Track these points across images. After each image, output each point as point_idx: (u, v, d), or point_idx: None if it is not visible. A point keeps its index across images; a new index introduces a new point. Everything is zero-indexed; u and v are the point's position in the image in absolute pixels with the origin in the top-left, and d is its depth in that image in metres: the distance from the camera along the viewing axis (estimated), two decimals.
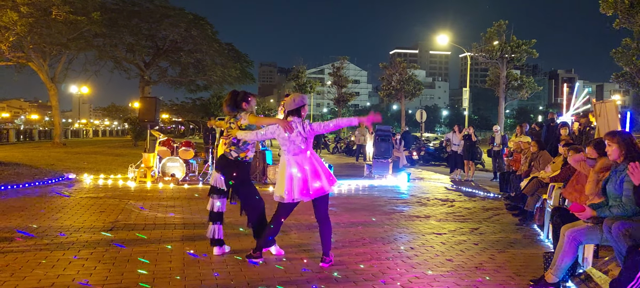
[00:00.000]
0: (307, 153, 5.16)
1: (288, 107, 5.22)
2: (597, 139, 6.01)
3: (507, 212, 9.04)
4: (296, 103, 5.20)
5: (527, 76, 36.42)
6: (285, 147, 5.18)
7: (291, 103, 5.21)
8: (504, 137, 16.12)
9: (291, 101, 5.22)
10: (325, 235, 5.23)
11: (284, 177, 5.14)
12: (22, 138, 40.59)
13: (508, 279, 4.97)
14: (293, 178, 5.09)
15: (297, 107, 5.19)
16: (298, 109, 5.20)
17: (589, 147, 5.60)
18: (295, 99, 5.22)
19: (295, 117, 5.17)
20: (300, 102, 5.21)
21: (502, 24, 31.63)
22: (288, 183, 5.10)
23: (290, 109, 5.20)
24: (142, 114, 13.84)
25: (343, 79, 49.25)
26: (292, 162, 5.12)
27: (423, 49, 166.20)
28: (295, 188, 5.08)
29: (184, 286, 4.50)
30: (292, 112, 5.19)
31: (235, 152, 5.55)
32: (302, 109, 5.21)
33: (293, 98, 5.25)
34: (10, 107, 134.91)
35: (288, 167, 5.13)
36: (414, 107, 75.65)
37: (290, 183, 5.10)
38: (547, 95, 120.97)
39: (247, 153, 5.60)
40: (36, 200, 8.97)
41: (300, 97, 5.25)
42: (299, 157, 5.13)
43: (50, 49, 27.09)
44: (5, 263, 4.97)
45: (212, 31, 33.16)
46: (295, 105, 5.19)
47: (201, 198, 9.69)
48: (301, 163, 5.11)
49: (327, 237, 5.24)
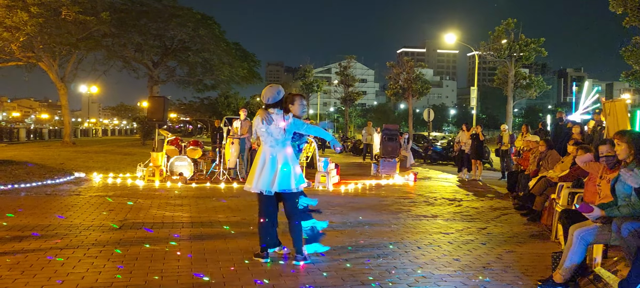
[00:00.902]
0: (283, 147, 5.19)
1: (270, 100, 5.21)
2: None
3: (515, 211, 9.01)
4: (278, 96, 5.22)
5: (536, 75, 36.28)
6: (263, 138, 5.24)
7: (273, 95, 5.21)
8: (512, 136, 16.06)
9: (273, 93, 5.21)
10: (293, 232, 5.24)
11: (255, 166, 5.21)
12: (32, 137, 40.91)
13: (516, 279, 4.95)
14: (262, 169, 5.15)
15: (280, 99, 5.22)
16: (280, 101, 5.23)
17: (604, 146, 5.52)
18: (276, 91, 5.24)
19: (275, 110, 5.20)
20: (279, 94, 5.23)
21: (510, 22, 31.45)
22: (257, 173, 5.16)
23: (272, 102, 5.21)
24: (150, 113, 13.91)
25: (350, 78, 49.24)
26: (267, 154, 5.19)
27: (430, 47, 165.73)
28: (261, 180, 5.12)
29: (192, 284, 4.52)
30: (275, 104, 5.21)
31: None
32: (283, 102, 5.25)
33: (275, 90, 5.25)
34: (20, 107, 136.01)
35: (261, 158, 5.21)
36: (421, 106, 75.47)
37: (259, 174, 5.15)
38: (556, 94, 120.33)
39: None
40: (46, 198, 9.04)
41: (278, 89, 5.26)
42: (274, 150, 5.18)
43: (60, 48, 27.29)
44: (15, 261, 5.02)
45: (219, 31, 33.29)
46: (279, 98, 5.22)
47: (209, 197, 9.73)
48: (274, 156, 5.15)
49: (296, 234, 5.23)
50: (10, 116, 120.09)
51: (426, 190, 12.15)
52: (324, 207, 8.98)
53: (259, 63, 40.06)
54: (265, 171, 5.14)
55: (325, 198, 10.18)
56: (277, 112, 5.20)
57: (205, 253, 5.53)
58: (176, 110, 70.40)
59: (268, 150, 5.20)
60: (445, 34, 36.32)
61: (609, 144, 5.37)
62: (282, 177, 5.12)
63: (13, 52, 25.40)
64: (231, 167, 12.87)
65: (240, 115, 13.22)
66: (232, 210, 8.38)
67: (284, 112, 5.22)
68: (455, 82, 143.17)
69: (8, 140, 34.98)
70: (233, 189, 11.06)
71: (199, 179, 12.47)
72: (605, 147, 5.37)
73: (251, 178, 5.23)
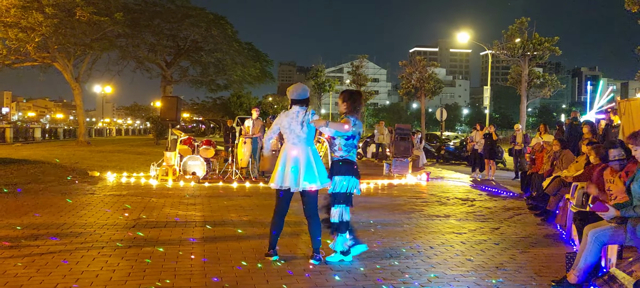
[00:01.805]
0: (306, 145, 5.19)
1: (295, 96, 5.23)
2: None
3: (528, 211, 8.94)
4: (304, 94, 5.25)
5: (550, 74, 35.90)
6: (285, 136, 5.24)
7: (298, 92, 5.24)
8: (526, 135, 15.94)
9: (299, 90, 5.24)
10: (313, 232, 5.24)
11: (278, 163, 5.21)
12: (47, 137, 41.34)
13: (529, 279, 4.92)
14: (286, 166, 5.15)
15: (304, 97, 5.24)
16: (306, 100, 5.25)
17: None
18: (302, 89, 5.27)
19: (298, 107, 5.21)
20: (305, 92, 5.26)
21: (524, 21, 31.18)
22: (281, 170, 5.16)
23: (297, 98, 5.22)
24: (163, 113, 14.00)
25: (362, 77, 49.11)
26: (289, 151, 5.18)
27: (443, 47, 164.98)
28: (286, 177, 5.12)
29: (205, 283, 4.55)
30: (299, 101, 5.23)
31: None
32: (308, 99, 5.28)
33: (301, 87, 5.28)
34: (36, 107, 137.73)
35: (283, 156, 5.20)
36: (434, 105, 75.12)
37: (283, 170, 5.15)
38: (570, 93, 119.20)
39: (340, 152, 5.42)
40: (61, 197, 9.14)
41: (304, 88, 5.30)
42: (297, 148, 5.17)
43: (75, 49, 27.55)
44: (31, 259, 5.08)
45: (232, 31, 33.41)
46: (304, 96, 5.25)
47: (221, 196, 9.78)
48: (297, 154, 5.15)
49: (316, 234, 5.23)
50: (25, 116, 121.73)
51: (439, 190, 12.10)
52: None
53: (272, 63, 40.20)
54: (290, 168, 5.12)
55: None
56: (299, 108, 5.21)
57: (217, 253, 5.56)
58: (189, 110, 70.93)
59: (290, 147, 5.20)
60: (458, 33, 36.12)
61: (619, 146, 5.32)
62: (307, 175, 5.11)
63: (28, 53, 25.70)
64: (243, 166, 12.93)
65: (253, 115, 13.26)
66: (244, 209, 8.41)
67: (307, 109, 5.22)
68: (468, 82, 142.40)
69: (24, 140, 35.39)
70: (245, 188, 11.10)
71: (211, 178, 12.53)
72: (615, 151, 5.33)
73: (274, 174, 5.22)
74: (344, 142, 5.33)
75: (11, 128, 37.16)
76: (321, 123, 5.22)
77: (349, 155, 5.33)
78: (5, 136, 33.38)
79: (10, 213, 7.48)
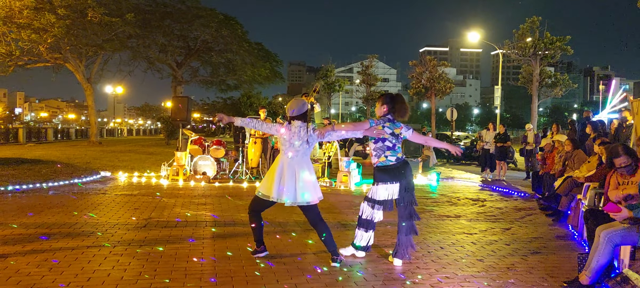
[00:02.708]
0: (303, 158, 5.19)
1: (294, 113, 5.23)
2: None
3: (540, 212, 8.88)
4: (303, 108, 5.26)
5: (562, 73, 35.68)
6: (283, 147, 5.23)
7: (298, 108, 5.25)
8: (537, 135, 15.84)
9: (298, 106, 5.25)
10: (324, 238, 5.22)
11: (274, 175, 5.15)
12: (59, 137, 41.71)
13: (541, 281, 4.89)
14: (282, 178, 5.10)
15: (303, 112, 5.26)
16: (304, 114, 5.25)
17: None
18: (302, 104, 5.28)
19: (299, 121, 5.22)
20: (304, 107, 5.27)
21: (535, 20, 30.97)
22: (277, 182, 5.11)
23: (297, 114, 5.23)
24: (174, 113, 14.06)
25: (372, 77, 49.06)
26: (285, 163, 5.15)
27: (453, 46, 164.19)
28: (284, 190, 5.07)
29: (216, 283, 4.57)
30: (298, 117, 5.23)
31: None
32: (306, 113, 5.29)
33: (301, 103, 5.30)
34: (48, 107, 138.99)
35: (279, 168, 5.16)
36: (444, 105, 74.88)
37: (278, 182, 5.11)
38: (582, 92, 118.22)
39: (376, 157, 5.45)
40: (73, 197, 9.21)
41: (303, 103, 5.31)
42: (294, 160, 5.15)
43: (86, 50, 27.78)
44: (43, 258, 5.13)
45: (242, 31, 33.49)
46: (303, 111, 5.26)
47: (232, 196, 9.81)
48: (294, 168, 5.12)
49: (327, 238, 5.21)
50: (38, 116, 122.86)
51: (449, 190, 12.06)
52: (346, 207, 8.99)
53: (281, 63, 40.20)
54: (287, 181, 5.08)
55: (347, 198, 10.18)
56: (301, 124, 5.21)
57: (227, 252, 5.57)
58: (199, 110, 71.15)
59: (287, 160, 5.17)
60: (468, 33, 35.97)
61: (624, 154, 5.26)
62: (305, 189, 5.10)
63: (41, 54, 25.97)
64: (253, 166, 12.95)
65: (260, 115, 13.29)
66: None
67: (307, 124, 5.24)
68: (478, 81, 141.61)
69: (36, 140, 35.74)
70: (255, 188, 11.10)
71: (221, 178, 12.57)
72: (620, 159, 5.27)
73: (269, 186, 5.15)
74: (374, 147, 5.35)
75: (24, 128, 37.53)
76: (327, 129, 5.23)
77: (380, 160, 5.32)
78: (19, 136, 33.72)
79: (23, 212, 7.55)
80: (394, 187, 5.30)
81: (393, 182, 5.29)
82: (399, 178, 5.29)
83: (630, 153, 5.28)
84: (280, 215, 7.64)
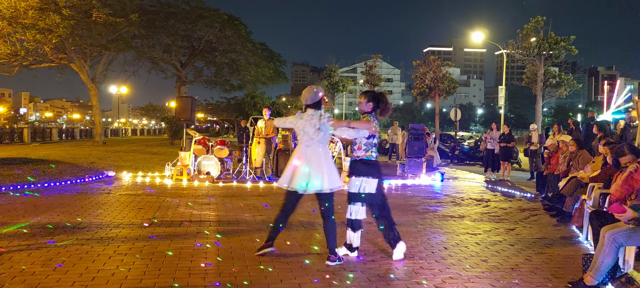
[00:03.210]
0: (319, 147, 5.19)
1: (309, 101, 5.26)
2: None
3: (544, 212, 8.85)
4: (316, 97, 5.25)
5: (566, 73, 35.51)
6: (299, 138, 5.27)
7: (311, 96, 5.25)
8: (542, 135, 15.80)
9: (311, 94, 5.26)
10: (328, 232, 5.24)
11: (289, 165, 5.24)
12: (64, 137, 41.88)
13: (545, 281, 4.87)
14: (296, 168, 5.16)
15: (317, 100, 5.25)
16: (318, 102, 5.26)
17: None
18: (315, 93, 5.26)
19: (312, 110, 5.24)
20: (317, 96, 5.26)
21: (539, 20, 30.88)
22: (290, 171, 5.18)
23: (311, 102, 5.25)
24: (178, 113, 14.10)
25: (376, 77, 48.93)
26: (301, 153, 5.19)
27: (457, 46, 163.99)
28: (295, 178, 5.12)
29: (220, 283, 4.57)
30: (312, 105, 5.25)
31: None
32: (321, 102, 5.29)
33: (314, 91, 5.28)
34: (53, 107, 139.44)
35: (296, 157, 5.23)
36: (448, 105, 74.71)
37: (292, 172, 5.17)
38: (586, 93, 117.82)
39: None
40: (77, 196, 9.24)
41: (317, 91, 5.29)
42: (309, 149, 5.18)
43: (91, 50, 27.88)
44: (48, 257, 5.14)
45: (246, 31, 33.52)
46: (317, 99, 5.25)
47: (235, 196, 9.81)
48: (309, 156, 5.15)
49: (330, 234, 5.23)
50: (43, 116, 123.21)
51: (453, 191, 12.04)
52: None
53: (285, 63, 40.25)
54: (301, 170, 5.12)
55: None
56: (314, 112, 5.23)
57: (231, 252, 5.58)
58: (203, 110, 71.29)
59: (303, 149, 5.21)
60: (472, 33, 35.92)
61: (630, 153, 5.25)
62: (317, 176, 5.10)
63: (46, 54, 26.08)
64: (257, 166, 12.97)
65: (264, 115, 13.30)
66: (258, 209, 8.43)
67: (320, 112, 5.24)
68: (482, 81, 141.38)
69: (41, 140, 35.89)
70: (259, 188, 11.13)
71: (225, 178, 12.59)
72: (627, 157, 5.26)
73: (285, 176, 5.24)
74: (365, 141, 5.36)
75: (29, 128, 37.67)
76: (341, 124, 5.22)
77: (367, 154, 5.35)
78: (23, 136, 33.85)
79: (28, 212, 7.58)
80: (376, 181, 5.39)
81: (375, 177, 5.38)
82: (379, 173, 5.42)
83: (636, 153, 5.27)
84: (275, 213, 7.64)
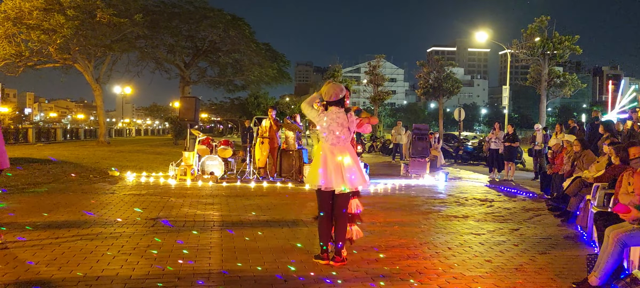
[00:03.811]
0: (349, 146, 5.17)
1: (333, 98, 5.16)
2: None
3: (548, 212, 8.83)
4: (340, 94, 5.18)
5: (570, 73, 35.42)
6: (324, 135, 5.19)
7: (335, 93, 5.16)
8: (546, 136, 15.76)
9: (335, 91, 5.17)
10: (338, 232, 5.19)
11: (317, 165, 5.16)
12: (68, 137, 41.98)
13: (549, 281, 4.86)
14: (327, 165, 5.09)
15: (340, 98, 5.18)
16: (342, 100, 5.19)
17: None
18: (340, 90, 5.20)
19: (336, 107, 5.18)
20: (341, 92, 5.19)
21: (543, 19, 30.77)
22: (322, 170, 5.09)
23: (335, 100, 5.16)
24: (182, 114, 14.11)
25: (379, 77, 48.89)
26: (327, 152, 5.13)
27: (461, 46, 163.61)
28: (330, 176, 5.06)
29: (223, 281, 4.58)
30: (335, 102, 5.17)
31: None
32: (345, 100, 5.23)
33: (338, 88, 5.20)
34: (57, 107, 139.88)
35: (322, 157, 5.15)
36: (452, 105, 74.57)
37: (325, 170, 5.09)
38: (591, 92, 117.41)
39: None
40: (82, 196, 9.27)
41: (341, 88, 5.23)
42: (337, 147, 5.14)
43: (95, 50, 27.94)
44: (52, 257, 5.16)
45: (249, 31, 33.54)
46: (341, 96, 5.17)
47: (239, 196, 9.82)
48: (338, 155, 5.10)
49: (341, 235, 5.19)
50: (47, 116, 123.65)
51: (457, 191, 12.02)
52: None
53: (289, 63, 40.24)
54: (332, 169, 5.07)
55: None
56: (338, 109, 5.18)
57: (235, 252, 5.59)
58: (207, 110, 71.45)
59: (329, 148, 5.14)
60: (476, 32, 35.84)
61: None
62: (351, 175, 5.07)
63: (50, 54, 26.13)
64: (261, 166, 12.97)
65: (269, 115, 13.31)
66: (261, 209, 8.44)
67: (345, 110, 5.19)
68: (486, 81, 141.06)
69: (46, 140, 35.97)
70: (263, 188, 11.13)
71: (229, 178, 12.60)
72: (637, 148, 5.24)
73: (314, 176, 5.14)
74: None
75: (33, 128, 37.79)
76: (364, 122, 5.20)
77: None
78: (28, 136, 33.96)
79: (33, 212, 7.61)
80: None
81: None
82: None
83: None
84: (289, 214, 7.65)
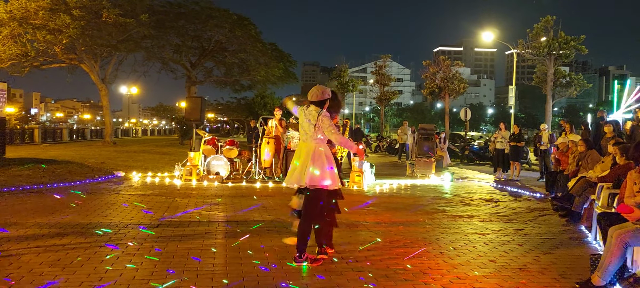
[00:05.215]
0: (312, 143, 5.19)
1: (314, 97, 5.25)
2: None
3: (553, 212, 8.81)
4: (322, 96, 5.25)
5: (576, 73, 35.21)
6: (300, 133, 5.38)
7: (316, 93, 5.26)
8: (552, 135, 15.70)
9: (317, 93, 5.27)
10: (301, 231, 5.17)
11: (292, 162, 5.34)
12: (74, 137, 42.18)
13: (553, 281, 4.85)
14: (295, 163, 5.25)
15: (322, 99, 5.25)
16: (323, 101, 5.26)
17: None
18: (322, 92, 5.27)
19: (314, 107, 5.25)
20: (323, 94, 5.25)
21: (549, 19, 30.65)
22: (291, 168, 5.31)
23: (315, 100, 5.24)
24: (188, 114, 14.16)
25: (385, 77, 48.85)
26: (301, 149, 5.29)
27: (468, 46, 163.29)
28: (294, 174, 5.20)
29: (228, 283, 4.59)
30: (317, 103, 5.24)
31: None
32: (325, 102, 5.27)
33: (321, 90, 5.29)
34: (64, 107, 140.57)
35: (296, 153, 5.34)
36: (458, 105, 74.45)
37: (292, 168, 5.28)
38: (597, 92, 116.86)
39: None
40: (87, 197, 9.31)
41: (323, 90, 5.29)
42: (305, 146, 5.23)
43: (101, 50, 28.04)
44: (56, 258, 5.19)
45: (255, 31, 33.56)
46: (323, 98, 5.25)
47: (244, 196, 9.84)
48: (300, 150, 5.25)
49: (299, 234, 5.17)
50: (54, 116, 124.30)
51: (462, 191, 11.99)
52: (357, 207, 8.98)
53: (295, 63, 40.24)
54: (298, 165, 5.20)
55: (359, 198, 10.17)
56: (313, 108, 5.24)
57: (240, 253, 5.60)
58: (213, 110, 71.52)
59: (301, 144, 5.33)
60: (482, 32, 35.70)
61: None
62: (309, 172, 5.11)
63: (56, 54, 26.26)
64: (267, 166, 12.99)
65: (276, 115, 13.32)
66: (267, 209, 8.45)
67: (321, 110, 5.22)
68: (493, 81, 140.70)
69: (52, 140, 36.16)
70: (268, 189, 11.15)
71: (235, 178, 12.62)
72: None
73: (288, 173, 5.37)
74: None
75: (40, 128, 37.99)
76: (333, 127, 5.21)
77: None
78: (34, 136, 34.15)
79: (37, 212, 7.65)
80: None
81: None
82: None
83: None
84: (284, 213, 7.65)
